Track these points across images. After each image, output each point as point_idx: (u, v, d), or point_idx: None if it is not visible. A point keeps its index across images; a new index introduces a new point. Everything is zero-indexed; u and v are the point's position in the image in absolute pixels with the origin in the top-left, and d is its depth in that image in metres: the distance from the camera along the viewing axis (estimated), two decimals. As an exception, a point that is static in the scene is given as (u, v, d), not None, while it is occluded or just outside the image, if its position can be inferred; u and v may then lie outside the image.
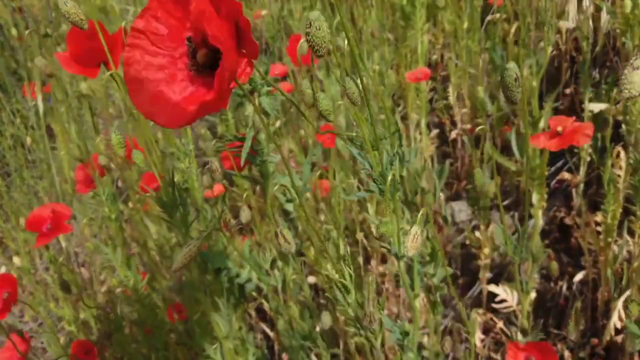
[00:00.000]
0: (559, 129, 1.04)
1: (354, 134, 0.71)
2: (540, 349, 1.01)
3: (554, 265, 1.31)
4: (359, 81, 0.64)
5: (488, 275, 1.62)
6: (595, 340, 1.50)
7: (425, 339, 1.37)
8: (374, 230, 1.39)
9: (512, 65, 0.58)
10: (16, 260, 1.73)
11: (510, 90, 0.58)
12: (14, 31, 2.35)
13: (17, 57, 2.72)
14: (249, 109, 0.88)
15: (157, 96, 0.49)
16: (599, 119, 1.64)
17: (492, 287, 1.43)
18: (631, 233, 1.48)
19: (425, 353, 1.15)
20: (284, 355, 1.63)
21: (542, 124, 1.19)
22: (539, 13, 1.63)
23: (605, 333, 1.40)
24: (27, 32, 1.34)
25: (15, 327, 1.98)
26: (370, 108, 0.66)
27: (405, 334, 0.88)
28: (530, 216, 1.49)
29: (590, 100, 1.63)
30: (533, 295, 1.36)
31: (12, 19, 2.41)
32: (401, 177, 0.73)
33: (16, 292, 1.15)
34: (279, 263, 1.13)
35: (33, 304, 1.72)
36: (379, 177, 0.66)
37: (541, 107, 1.59)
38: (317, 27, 0.54)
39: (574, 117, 1.06)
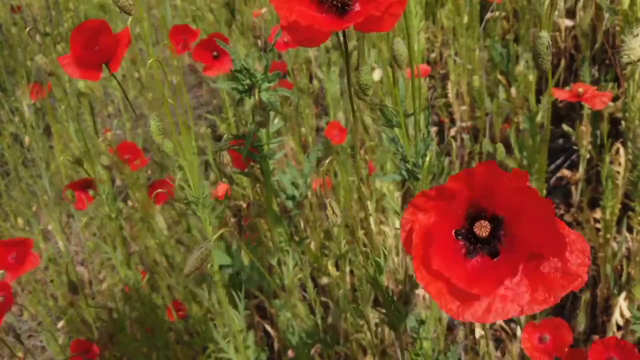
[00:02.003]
0: (580, 90, 1.10)
1: (387, 105, 0.72)
2: (554, 324, 1.05)
3: None
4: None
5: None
6: (596, 337, 1.50)
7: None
8: (373, 227, 1.39)
9: (544, 33, 0.59)
10: (15, 259, 1.73)
11: (541, 57, 0.59)
12: (13, 30, 2.35)
13: (16, 56, 2.72)
14: (248, 105, 0.88)
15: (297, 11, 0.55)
16: (597, 117, 1.64)
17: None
18: (630, 230, 1.48)
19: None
20: (285, 352, 1.63)
21: (539, 118, 1.20)
22: (534, 9, 1.63)
23: (608, 329, 1.40)
24: (26, 30, 1.34)
25: (14, 326, 1.98)
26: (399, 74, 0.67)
27: (422, 322, 0.88)
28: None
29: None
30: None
31: (12, 18, 2.40)
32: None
33: (11, 296, 1.14)
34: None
35: (32, 303, 1.72)
36: (416, 156, 0.67)
37: (538, 102, 1.59)
38: None
39: (596, 87, 1.12)
